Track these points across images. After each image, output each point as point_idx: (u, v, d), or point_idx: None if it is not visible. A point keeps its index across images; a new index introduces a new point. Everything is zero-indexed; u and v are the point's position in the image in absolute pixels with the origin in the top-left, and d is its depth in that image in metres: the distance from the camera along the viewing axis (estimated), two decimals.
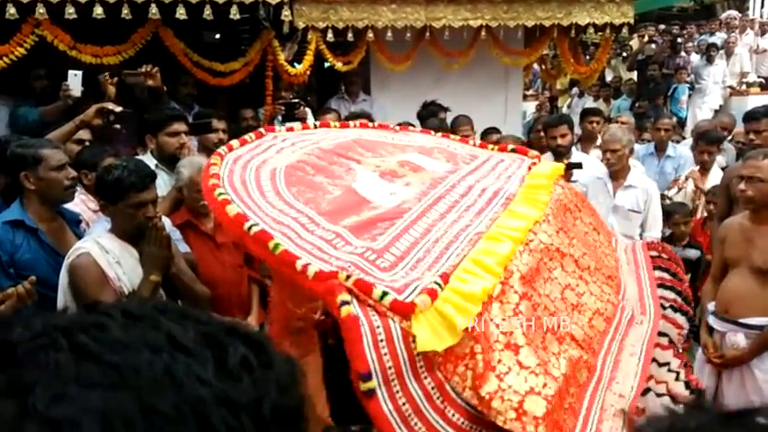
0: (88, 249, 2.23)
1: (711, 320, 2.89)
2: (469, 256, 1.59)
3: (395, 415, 1.28)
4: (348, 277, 1.35)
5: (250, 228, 1.51)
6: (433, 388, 1.36)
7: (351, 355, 1.26)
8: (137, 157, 3.26)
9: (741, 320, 2.79)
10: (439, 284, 1.42)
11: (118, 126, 3.29)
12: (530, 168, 2.29)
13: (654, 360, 1.85)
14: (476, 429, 1.40)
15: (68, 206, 2.77)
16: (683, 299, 2.12)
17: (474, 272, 1.53)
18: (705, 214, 4.17)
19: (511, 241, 1.70)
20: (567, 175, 3.69)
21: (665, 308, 2.06)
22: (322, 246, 1.53)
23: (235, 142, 2.04)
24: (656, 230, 3.80)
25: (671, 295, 2.12)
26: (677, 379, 1.85)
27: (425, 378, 1.36)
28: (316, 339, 2.04)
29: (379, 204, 1.82)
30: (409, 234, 1.68)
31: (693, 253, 3.79)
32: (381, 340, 1.28)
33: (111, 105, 3.09)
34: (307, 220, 1.64)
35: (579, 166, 3.70)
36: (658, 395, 1.79)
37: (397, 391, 1.30)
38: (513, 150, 2.55)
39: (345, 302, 1.30)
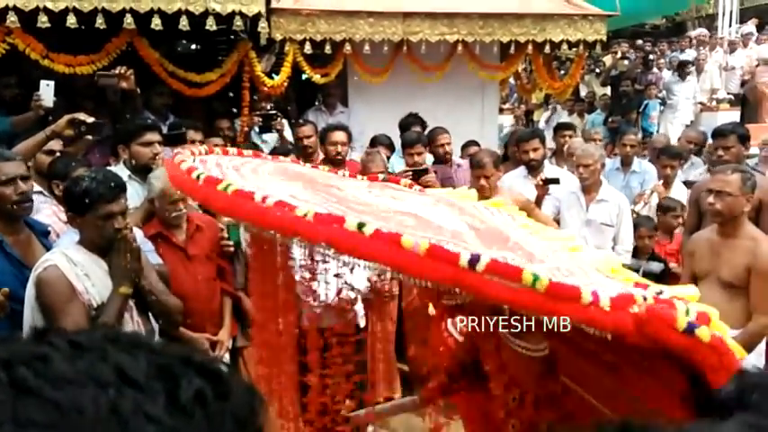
0: (56, 262, 2.20)
1: None
2: (599, 268, 1.44)
3: None
4: (645, 299, 1.15)
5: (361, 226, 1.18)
6: None
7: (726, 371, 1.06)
8: (109, 167, 3.23)
9: None
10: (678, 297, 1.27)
11: (90, 137, 3.25)
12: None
13: None
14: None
15: (39, 217, 2.73)
16: None
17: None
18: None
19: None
20: (544, 190, 3.75)
21: None
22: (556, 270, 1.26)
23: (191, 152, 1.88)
24: (627, 244, 3.87)
25: None
26: None
27: None
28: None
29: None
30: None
31: (656, 266, 3.86)
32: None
33: (82, 116, 3.06)
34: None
35: (556, 181, 3.77)
36: None
37: None
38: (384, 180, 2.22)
39: (693, 326, 1.10)
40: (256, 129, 4.88)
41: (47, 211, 2.88)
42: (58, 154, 3.17)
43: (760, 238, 2.81)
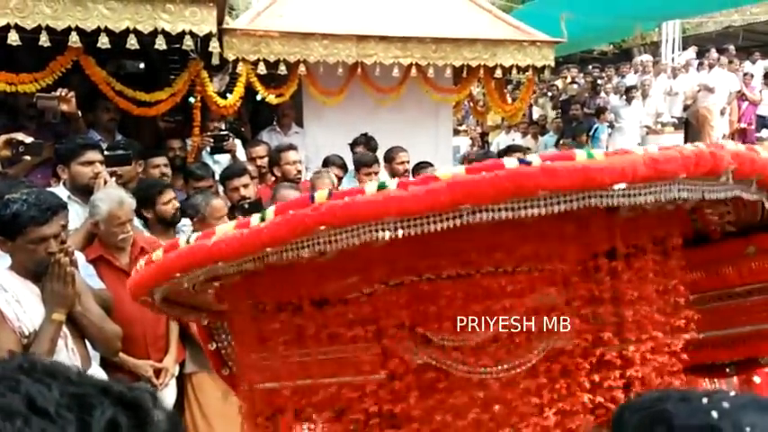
0: None
1: None
2: None
3: None
4: None
5: None
6: None
7: None
8: (49, 188, 3.12)
9: None
10: None
11: (28, 157, 3.14)
12: None
13: None
14: None
15: None
16: None
17: None
18: None
19: None
20: None
21: None
22: None
23: None
24: None
25: None
26: None
27: None
28: None
29: None
30: None
31: None
32: None
33: (20, 136, 2.96)
34: None
35: None
36: None
37: None
38: None
39: None
40: (208, 149, 4.81)
41: None
42: None
43: None
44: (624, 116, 8.99)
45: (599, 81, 9.86)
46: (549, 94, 9.93)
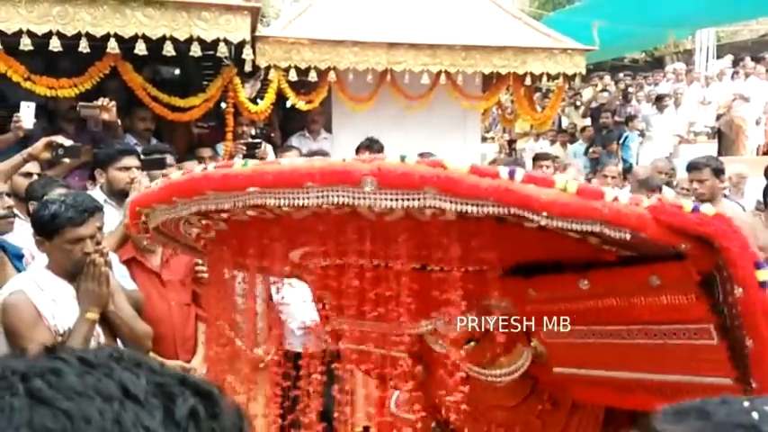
0: (22, 287, 2.17)
1: None
2: None
3: None
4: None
5: None
6: None
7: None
8: (87, 191, 3.21)
9: None
10: None
11: (67, 160, 3.23)
12: None
13: None
14: None
15: (15, 239, 2.70)
16: None
17: None
18: None
19: None
20: None
21: None
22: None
23: None
24: None
25: None
26: None
27: None
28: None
29: None
30: None
31: None
32: None
33: (60, 139, 3.05)
34: None
35: None
36: None
37: None
38: None
39: (696, 205, 1.11)
40: (240, 156, 4.88)
41: (23, 233, 2.85)
42: (35, 177, 3.16)
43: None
44: (655, 125, 8.85)
45: (630, 89, 9.73)
46: (577, 102, 9.82)
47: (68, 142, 3.07)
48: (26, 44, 3.98)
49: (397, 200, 1.13)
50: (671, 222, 1.08)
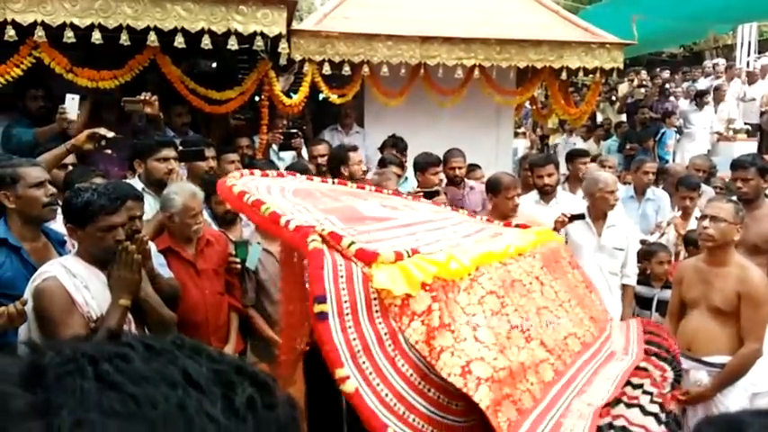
0: (55, 273, 2.18)
1: None
2: (445, 250, 1.71)
3: (344, 347, 1.33)
4: (323, 229, 1.56)
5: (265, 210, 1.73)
6: (386, 334, 1.43)
7: (311, 282, 1.38)
8: (125, 180, 3.28)
9: (703, 358, 2.94)
10: (407, 252, 1.57)
11: (109, 151, 3.30)
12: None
13: (629, 383, 1.92)
14: (422, 385, 1.44)
15: (54, 227, 2.77)
16: (670, 355, 2.17)
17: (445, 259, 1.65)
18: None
19: (488, 251, 1.84)
20: (564, 224, 3.77)
21: (649, 354, 2.13)
22: (309, 219, 1.69)
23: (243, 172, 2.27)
24: (632, 266, 3.95)
25: (657, 349, 2.18)
26: (652, 401, 1.89)
27: (380, 323, 1.44)
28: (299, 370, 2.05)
29: (372, 215, 1.98)
30: (392, 231, 1.83)
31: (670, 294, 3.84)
32: (341, 276, 1.40)
33: (102, 131, 3.11)
34: (302, 208, 1.83)
35: (582, 216, 3.83)
36: (628, 405, 1.84)
37: (350, 326, 1.37)
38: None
39: (314, 240, 1.46)
40: (275, 147, 4.93)
41: (63, 221, 2.93)
42: (70, 167, 3.23)
43: (748, 266, 2.94)
44: (694, 122, 8.63)
45: (667, 85, 9.49)
46: (613, 98, 9.61)
47: (110, 134, 3.13)
48: (69, 37, 4.08)
49: None
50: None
